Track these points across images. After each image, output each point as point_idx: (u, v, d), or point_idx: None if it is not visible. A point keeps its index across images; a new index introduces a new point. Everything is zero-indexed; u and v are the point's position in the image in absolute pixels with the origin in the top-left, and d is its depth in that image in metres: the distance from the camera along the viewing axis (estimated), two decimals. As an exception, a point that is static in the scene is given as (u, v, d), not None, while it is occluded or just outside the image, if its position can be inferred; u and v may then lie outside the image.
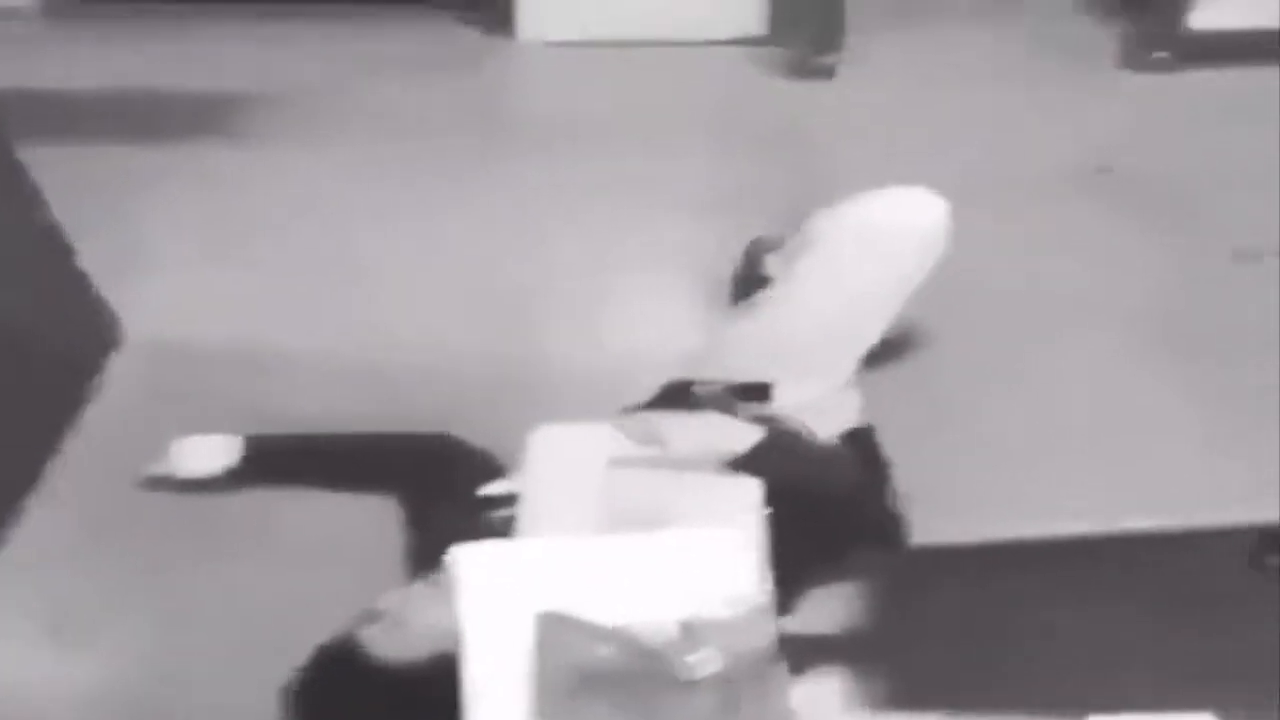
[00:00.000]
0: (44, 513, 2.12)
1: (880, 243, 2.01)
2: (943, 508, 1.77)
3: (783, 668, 1.36)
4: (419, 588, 1.59)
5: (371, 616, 1.52)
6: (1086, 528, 1.44)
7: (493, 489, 1.79)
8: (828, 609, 1.53)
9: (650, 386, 2.04)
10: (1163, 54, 3.59)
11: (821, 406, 1.89)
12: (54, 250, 2.45)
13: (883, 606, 1.48)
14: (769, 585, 1.42)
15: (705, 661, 1.34)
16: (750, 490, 1.56)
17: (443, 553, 1.47)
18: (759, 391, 1.90)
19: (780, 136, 3.29)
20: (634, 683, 1.34)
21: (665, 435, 1.76)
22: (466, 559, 1.44)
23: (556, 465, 1.69)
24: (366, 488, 1.99)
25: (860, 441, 1.87)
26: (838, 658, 1.44)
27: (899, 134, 3.21)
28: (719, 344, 2.13)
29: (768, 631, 1.37)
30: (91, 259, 2.44)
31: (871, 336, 2.02)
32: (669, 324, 2.57)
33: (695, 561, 1.43)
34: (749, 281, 2.30)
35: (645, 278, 2.80)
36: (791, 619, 1.47)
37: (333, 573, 1.86)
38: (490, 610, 1.40)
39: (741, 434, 1.75)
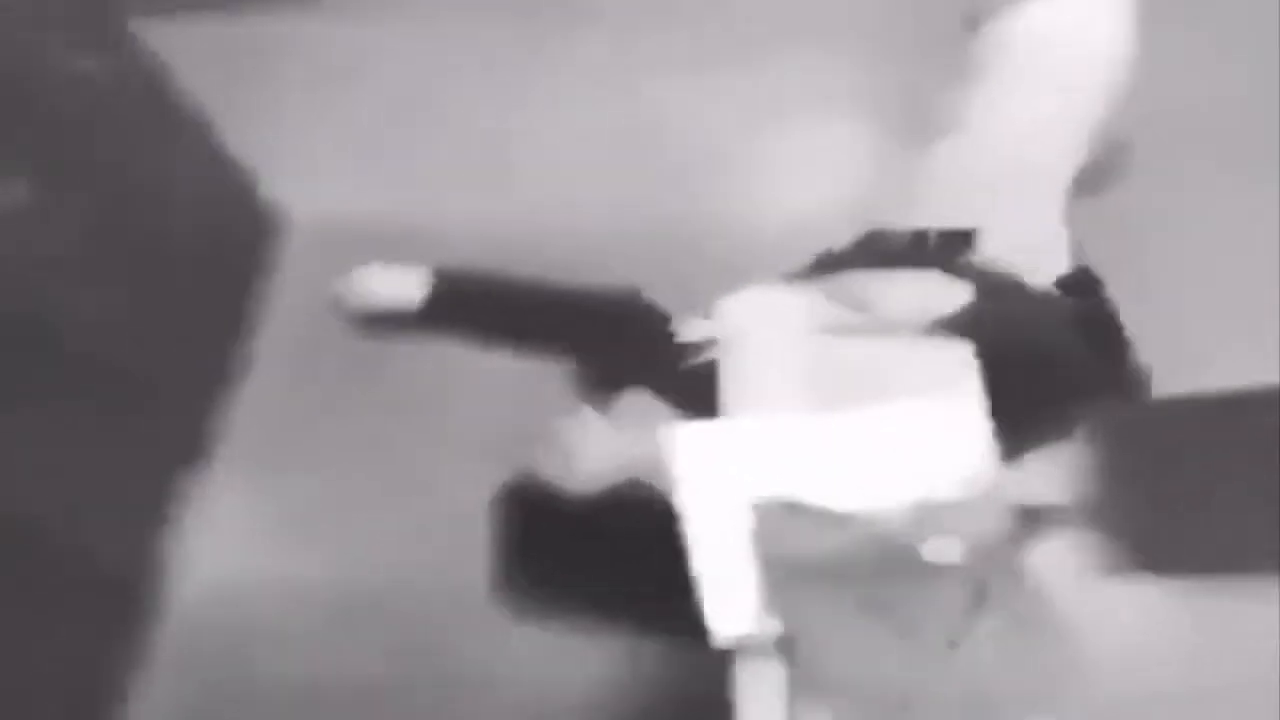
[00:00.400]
0: (247, 407, 2.13)
1: (1055, 59, 1.80)
2: (1161, 358, 1.65)
3: (1025, 550, 1.27)
4: (590, 416, 1.50)
5: (545, 445, 1.44)
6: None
7: (687, 335, 1.67)
8: (1053, 472, 1.42)
9: (837, 238, 1.89)
10: None
11: (1032, 249, 1.73)
12: (211, 138, 2.41)
13: (1114, 466, 1.37)
14: (997, 458, 1.31)
15: (945, 548, 1.25)
16: (966, 355, 1.43)
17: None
18: (962, 239, 1.74)
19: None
20: (870, 573, 1.26)
21: (870, 296, 1.62)
22: (682, 440, 1.35)
23: (756, 333, 1.58)
24: (550, 329, 1.82)
25: (1081, 286, 1.71)
26: (1068, 523, 1.32)
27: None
28: (903, 189, 1.94)
29: (1005, 512, 1.28)
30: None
31: (1067, 165, 1.82)
32: (842, 170, 2.43)
33: (923, 438, 1.33)
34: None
35: (809, 122, 2.65)
36: (1015, 486, 1.36)
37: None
38: (711, 495, 1.33)
39: (952, 290, 1.61)
